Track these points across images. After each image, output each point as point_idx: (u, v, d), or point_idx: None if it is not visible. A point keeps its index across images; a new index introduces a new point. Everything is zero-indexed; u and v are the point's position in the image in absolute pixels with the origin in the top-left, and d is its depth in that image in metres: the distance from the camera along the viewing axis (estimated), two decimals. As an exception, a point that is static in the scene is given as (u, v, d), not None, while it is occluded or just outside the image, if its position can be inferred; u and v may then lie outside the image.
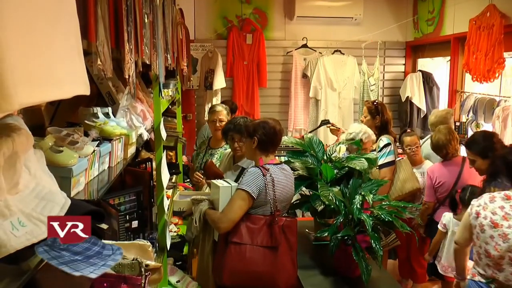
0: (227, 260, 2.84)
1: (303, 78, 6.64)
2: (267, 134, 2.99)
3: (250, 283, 2.87)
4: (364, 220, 2.76)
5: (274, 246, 2.84)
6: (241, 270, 2.83)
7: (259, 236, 2.84)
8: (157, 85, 2.51)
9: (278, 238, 2.84)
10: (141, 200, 2.62)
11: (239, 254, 2.83)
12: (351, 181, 3.10)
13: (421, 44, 6.64)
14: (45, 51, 0.68)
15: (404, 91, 6.56)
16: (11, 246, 0.71)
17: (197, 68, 6.52)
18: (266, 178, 2.85)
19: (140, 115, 2.38)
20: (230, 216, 2.83)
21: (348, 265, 3.05)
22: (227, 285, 2.91)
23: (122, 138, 1.71)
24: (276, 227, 2.84)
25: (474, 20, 4.91)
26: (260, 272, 2.83)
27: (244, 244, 2.83)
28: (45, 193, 0.86)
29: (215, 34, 6.66)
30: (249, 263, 2.82)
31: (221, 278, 2.87)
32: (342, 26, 6.70)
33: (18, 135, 0.82)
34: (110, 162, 1.54)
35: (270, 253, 2.85)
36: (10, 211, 0.76)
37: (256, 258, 2.83)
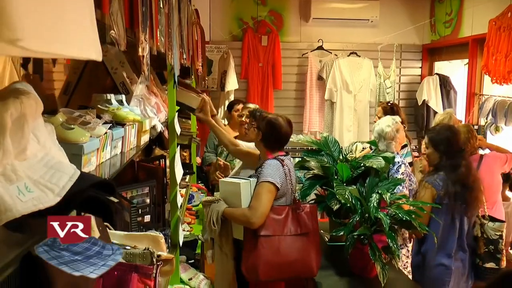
0: (261, 255, 2.81)
1: (319, 80, 6.59)
2: (272, 133, 3.01)
3: (286, 273, 2.90)
4: (381, 218, 2.70)
5: (304, 233, 2.89)
6: (276, 262, 2.83)
7: (287, 225, 2.87)
8: (172, 77, 2.47)
9: (307, 224, 2.91)
10: (154, 194, 2.59)
11: (272, 247, 2.83)
12: (368, 180, 3.04)
13: (438, 47, 6.55)
14: (55, 6, 0.65)
15: (420, 94, 6.47)
16: (17, 210, 0.68)
17: (212, 70, 6.50)
18: (285, 169, 2.88)
19: (154, 107, 2.35)
20: (262, 210, 2.81)
21: (364, 265, 2.99)
22: (266, 279, 2.87)
23: (136, 125, 1.67)
24: (302, 214, 2.90)
25: (494, 20, 4.82)
26: (294, 261, 2.86)
27: (274, 236, 2.82)
28: (54, 162, 0.82)
29: (230, 35, 6.64)
30: (282, 253, 2.84)
31: (258, 274, 2.82)
32: (358, 28, 6.63)
33: (27, 97, 0.79)
34: (122, 148, 1.50)
35: (300, 240, 2.89)
36: (17, 176, 0.73)
37: (289, 248, 2.86)
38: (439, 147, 3.24)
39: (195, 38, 4.56)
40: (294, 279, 3.05)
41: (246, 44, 6.55)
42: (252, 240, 2.87)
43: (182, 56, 3.26)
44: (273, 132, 2.98)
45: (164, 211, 2.92)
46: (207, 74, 6.24)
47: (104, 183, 0.90)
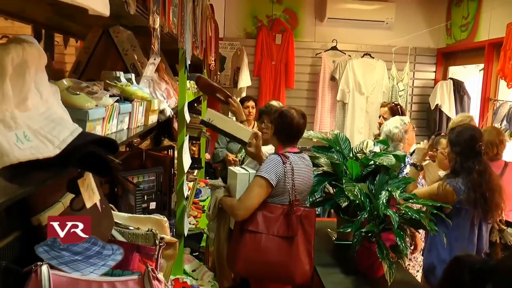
0: (242, 249, 2.77)
1: (331, 81, 6.54)
2: (283, 126, 2.93)
3: (264, 273, 2.80)
4: (390, 216, 2.65)
5: (290, 236, 2.76)
6: (255, 259, 2.75)
7: (276, 225, 2.76)
8: (184, 62, 2.44)
9: (295, 228, 2.75)
10: (161, 181, 2.56)
11: (254, 243, 2.75)
12: (378, 177, 2.99)
13: (453, 51, 6.47)
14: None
15: (433, 98, 6.40)
16: (14, 156, 0.65)
17: (224, 66, 6.48)
18: (286, 166, 2.78)
19: (164, 92, 2.32)
20: (247, 204, 2.75)
21: (371, 264, 2.93)
22: (241, 273, 2.85)
23: (144, 103, 1.64)
24: (293, 217, 2.75)
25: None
26: (274, 263, 2.75)
27: (260, 233, 2.75)
28: (56, 117, 0.80)
29: (244, 32, 6.61)
30: (263, 252, 2.74)
31: (235, 266, 2.80)
32: (373, 29, 6.58)
33: (29, 45, 0.76)
34: (130, 124, 1.47)
35: (286, 243, 2.76)
36: (16, 124, 0.70)
37: (271, 247, 2.75)
38: (455, 148, 3.15)
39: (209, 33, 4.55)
40: (277, 282, 2.91)
41: (260, 42, 6.53)
42: (239, 233, 2.84)
43: (195, 45, 3.24)
44: (284, 123, 2.90)
45: (170, 201, 2.89)
46: (219, 70, 6.22)
47: (106, 141, 0.87)
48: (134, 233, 1.65)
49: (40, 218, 1.20)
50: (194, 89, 3.87)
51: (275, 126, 2.96)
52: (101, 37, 2.11)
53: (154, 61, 1.97)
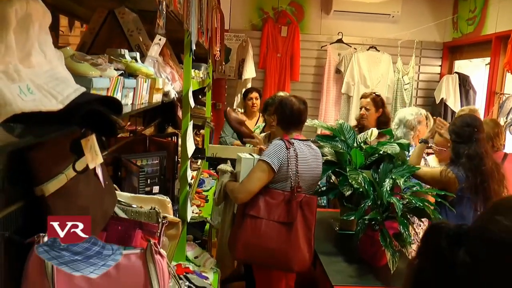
0: (242, 233, 2.79)
1: (336, 74, 6.52)
2: (284, 113, 2.96)
3: (262, 258, 2.81)
4: (394, 203, 2.64)
5: (289, 222, 2.76)
6: (254, 244, 2.77)
7: (277, 211, 2.78)
8: (189, 45, 2.43)
9: (294, 213, 2.77)
10: (164, 165, 2.56)
11: (254, 228, 2.77)
12: (382, 166, 2.98)
13: (459, 45, 6.44)
14: None
15: (439, 92, 6.37)
16: (17, 106, 0.64)
17: (230, 58, 6.47)
18: (289, 152, 2.79)
19: (169, 75, 2.31)
20: (248, 187, 2.78)
21: (374, 252, 2.93)
22: (241, 258, 2.87)
23: (149, 81, 1.63)
24: (293, 203, 2.77)
25: (520, 17, 4.72)
26: (273, 249, 2.76)
27: (261, 218, 2.77)
28: (60, 76, 0.79)
29: (250, 24, 6.60)
30: (263, 238, 2.76)
31: (235, 251, 2.82)
32: (378, 23, 6.55)
33: (34, 1, 0.75)
34: (134, 99, 1.46)
35: (285, 229, 2.78)
36: (19, 77, 0.69)
37: (270, 233, 2.76)
38: (452, 136, 3.16)
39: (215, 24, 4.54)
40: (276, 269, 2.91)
41: (265, 34, 6.51)
42: (241, 218, 2.87)
43: (200, 31, 3.23)
44: (285, 110, 2.94)
45: (174, 188, 2.89)
46: (225, 62, 6.22)
47: (110, 101, 0.86)
48: (137, 211, 1.64)
49: (43, 188, 1.19)
50: (199, 78, 3.87)
51: (277, 115, 2.99)
52: (106, 18, 2.10)
53: (159, 41, 1.96)
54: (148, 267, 1.28)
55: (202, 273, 2.84)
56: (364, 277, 2.79)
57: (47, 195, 1.21)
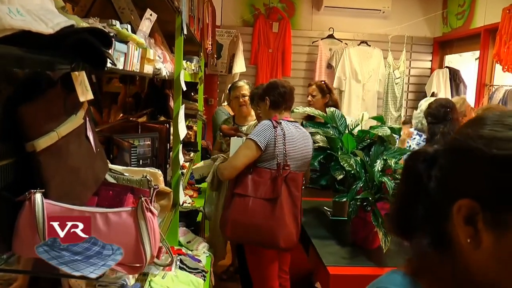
0: (231, 212, 2.83)
1: (328, 69, 6.56)
2: (278, 93, 3.02)
3: (250, 236, 2.84)
4: (385, 182, 2.65)
5: (274, 198, 2.80)
6: (243, 222, 2.81)
7: (263, 188, 2.83)
8: (180, 27, 2.43)
9: (279, 189, 2.80)
10: (156, 146, 2.56)
11: (242, 206, 2.82)
12: (373, 148, 3.00)
13: (449, 40, 6.49)
14: None
15: (429, 87, 6.42)
16: (6, 22, 0.64)
17: (221, 54, 6.49)
18: (276, 131, 2.84)
19: (161, 55, 2.32)
20: (233, 163, 2.84)
21: (366, 235, 2.93)
22: (231, 238, 2.90)
23: (140, 49, 1.64)
24: (279, 179, 2.81)
25: (508, 8, 4.78)
26: (259, 225, 2.80)
27: (248, 196, 2.81)
28: (51, 9, 0.79)
29: (241, 20, 6.62)
30: (250, 215, 2.80)
31: (225, 230, 2.86)
32: (369, 18, 6.60)
33: None
34: (125, 65, 1.47)
35: (271, 205, 2.82)
36: (8, 0, 0.69)
37: (257, 210, 2.81)
38: (428, 118, 3.33)
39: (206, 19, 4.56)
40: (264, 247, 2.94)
41: (257, 30, 6.53)
42: (230, 198, 2.91)
43: (192, 18, 3.24)
44: (276, 90, 3.02)
45: (166, 174, 2.89)
46: (216, 58, 6.23)
47: (100, 33, 0.86)
48: (129, 179, 1.65)
49: (35, 144, 1.19)
50: (191, 71, 3.88)
51: (269, 97, 3.03)
52: (97, -4, 2.11)
53: (150, 16, 1.96)
54: (139, 224, 1.28)
55: (195, 257, 2.84)
56: (356, 258, 2.80)
57: (38, 150, 1.21)
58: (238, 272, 3.91)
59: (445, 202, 0.76)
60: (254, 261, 3.00)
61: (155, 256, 1.34)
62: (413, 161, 0.83)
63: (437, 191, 0.79)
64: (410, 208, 0.84)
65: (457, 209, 0.73)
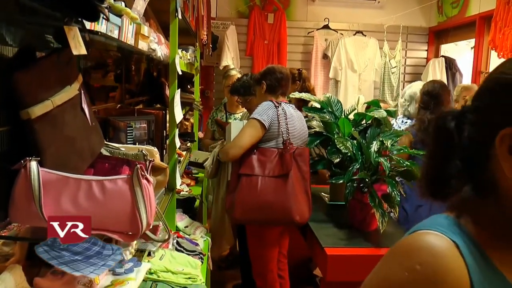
0: (239, 194, 2.80)
1: (324, 59, 6.56)
2: (274, 78, 3.05)
3: (262, 216, 2.82)
4: (382, 163, 2.66)
5: (285, 174, 2.80)
6: (252, 202, 2.78)
7: (271, 166, 2.83)
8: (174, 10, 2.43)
9: (289, 164, 2.81)
10: (152, 129, 2.56)
11: (250, 186, 2.79)
12: (369, 130, 3.01)
13: (445, 29, 6.50)
14: None
15: (426, 76, 6.42)
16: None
17: (217, 46, 6.48)
18: (278, 110, 2.87)
19: (156, 37, 2.32)
20: (239, 142, 2.83)
21: (363, 218, 2.94)
22: (240, 219, 2.87)
23: (134, 24, 1.64)
24: (287, 155, 2.82)
25: (503, -5, 4.78)
26: (271, 202, 2.78)
27: (256, 176, 2.80)
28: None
29: (237, 12, 6.61)
30: (260, 194, 2.78)
31: (233, 213, 2.83)
32: (365, 9, 6.60)
33: None
34: (119, 37, 1.47)
35: (282, 182, 2.81)
36: None
37: (267, 189, 2.79)
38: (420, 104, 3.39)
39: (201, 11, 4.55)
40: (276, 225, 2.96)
41: (252, 22, 6.53)
42: (235, 180, 2.90)
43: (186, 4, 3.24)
44: (273, 75, 3.04)
45: (163, 159, 2.89)
46: (212, 50, 6.21)
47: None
48: (124, 153, 1.65)
49: (29, 111, 1.20)
50: (186, 60, 3.88)
51: (268, 81, 3.04)
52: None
53: (143, -6, 1.96)
54: (135, 191, 1.29)
55: (193, 240, 2.84)
56: (354, 239, 2.81)
57: (33, 118, 1.21)
58: (238, 256, 3.92)
59: (486, 141, 0.78)
60: (255, 243, 3.00)
61: (151, 224, 1.35)
62: (443, 121, 0.85)
63: (474, 135, 0.81)
64: (444, 166, 0.85)
65: (499, 141, 0.75)
